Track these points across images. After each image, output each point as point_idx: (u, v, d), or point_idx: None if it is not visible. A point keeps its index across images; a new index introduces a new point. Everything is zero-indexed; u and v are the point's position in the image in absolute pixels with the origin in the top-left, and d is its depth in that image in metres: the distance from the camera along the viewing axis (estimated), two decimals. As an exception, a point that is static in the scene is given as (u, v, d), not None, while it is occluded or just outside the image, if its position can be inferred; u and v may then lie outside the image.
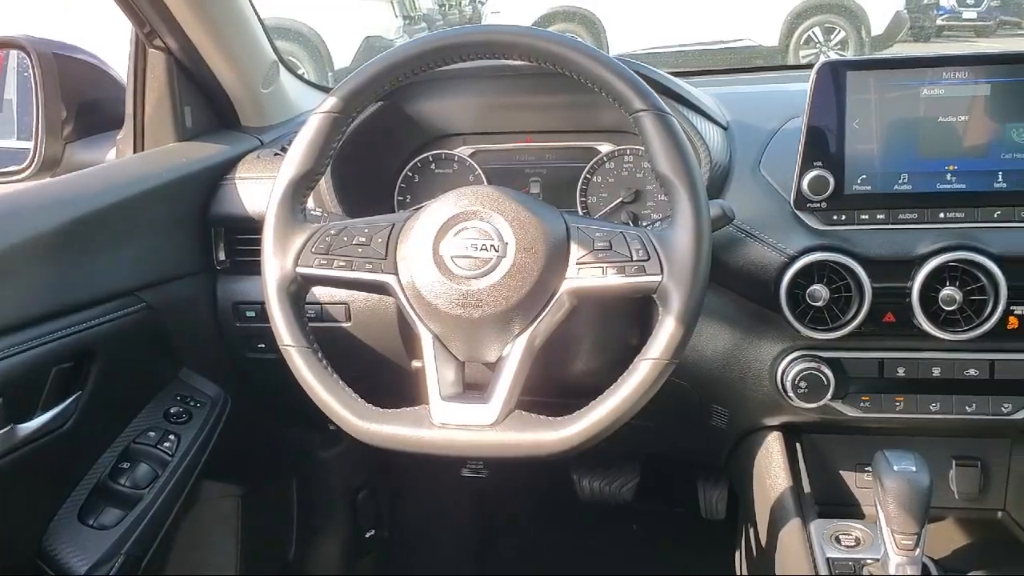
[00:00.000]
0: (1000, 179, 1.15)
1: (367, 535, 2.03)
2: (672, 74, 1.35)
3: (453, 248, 1.02)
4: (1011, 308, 1.15)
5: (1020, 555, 1.24)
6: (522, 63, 1.06)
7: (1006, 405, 1.22)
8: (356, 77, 1.07)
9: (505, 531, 2.20)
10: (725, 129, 1.33)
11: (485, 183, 1.43)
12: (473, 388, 1.04)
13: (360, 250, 1.05)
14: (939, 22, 10.92)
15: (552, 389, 1.15)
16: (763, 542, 1.31)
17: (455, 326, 1.02)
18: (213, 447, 1.39)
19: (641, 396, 0.98)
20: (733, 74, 2.03)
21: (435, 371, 1.02)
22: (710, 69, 1.99)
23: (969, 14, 11.25)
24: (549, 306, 1.01)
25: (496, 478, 1.66)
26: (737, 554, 1.65)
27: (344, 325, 1.38)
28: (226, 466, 1.52)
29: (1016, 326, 1.16)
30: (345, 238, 1.05)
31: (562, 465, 1.88)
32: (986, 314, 1.15)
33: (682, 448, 1.60)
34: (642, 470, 1.88)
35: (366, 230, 1.06)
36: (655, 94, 1.02)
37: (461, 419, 1.00)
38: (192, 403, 1.40)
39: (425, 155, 1.46)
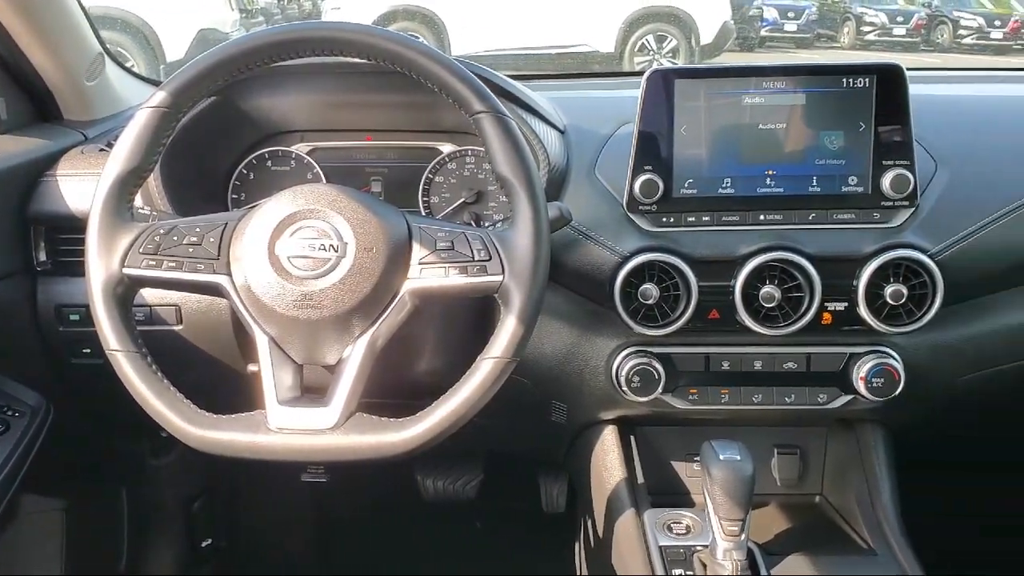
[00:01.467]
0: (815, 183, 1.23)
1: (203, 545, 1.96)
2: (512, 77, 1.36)
3: (290, 248, 1.00)
4: (825, 304, 1.23)
5: (836, 536, 1.33)
6: (362, 61, 1.05)
7: (822, 395, 1.30)
8: (188, 71, 1.03)
9: (347, 534, 2.17)
10: (562, 133, 1.36)
11: (324, 181, 1.41)
12: (312, 391, 1.03)
13: (191, 250, 1.01)
14: (763, 33, 11.52)
15: (394, 390, 1.15)
16: (600, 533, 1.35)
17: (292, 328, 1.00)
18: (34, 459, 1.31)
19: (483, 395, 0.99)
20: (571, 79, 2.07)
21: (272, 375, 1.00)
22: (549, 73, 2.03)
23: (790, 26, 11.94)
24: (391, 307, 1.00)
25: (337, 481, 1.63)
26: (576, 546, 1.69)
27: (175, 328, 1.33)
28: (49, 478, 1.44)
29: (830, 321, 1.24)
30: (175, 237, 1.01)
31: (404, 466, 1.87)
32: (802, 310, 1.22)
33: (524, 444, 1.63)
34: (485, 467, 1.90)
35: (198, 229, 1.02)
36: (494, 96, 1.03)
37: (299, 423, 0.98)
38: (9, 413, 1.31)
39: (261, 152, 1.42)
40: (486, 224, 1.39)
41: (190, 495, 1.93)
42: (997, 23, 13.63)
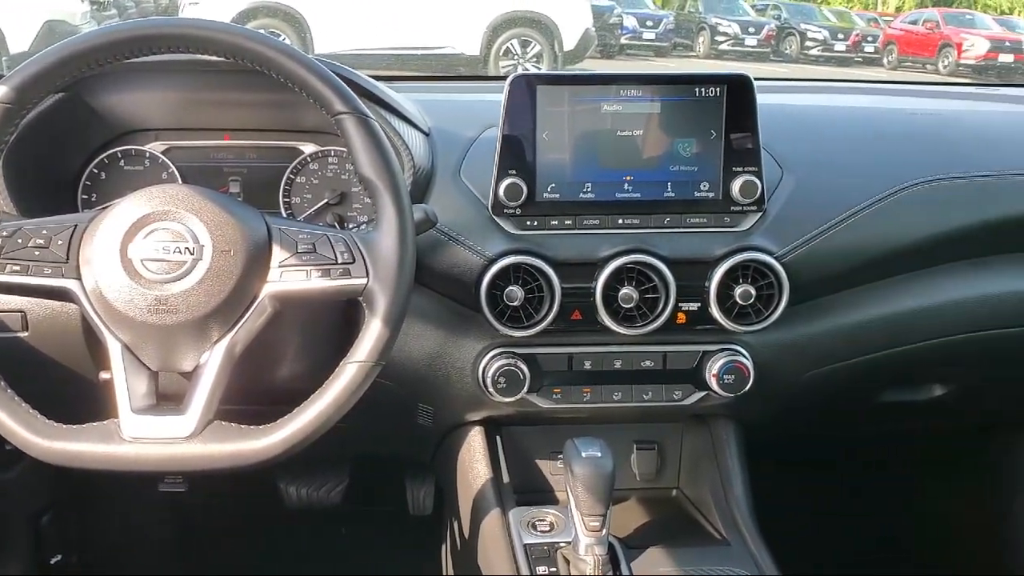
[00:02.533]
0: (670, 189, 1.27)
1: (52, 561, 1.86)
2: (375, 78, 1.36)
3: (143, 251, 0.97)
4: (680, 305, 1.28)
5: (692, 528, 1.38)
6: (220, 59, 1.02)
7: (677, 392, 1.34)
8: (33, 65, 0.98)
9: (208, 545, 2.11)
10: (427, 135, 1.36)
11: (179, 182, 1.36)
12: (168, 399, 1.00)
13: (37, 253, 0.97)
14: (623, 41, 11.83)
15: (256, 396, 1.13)
16: (466, 534, 1.36)
17: (146, 334, 0.97)
18: None
19: (347, 399, 0.98)
20: (436, 81, 2.08)
21: (125, 382, 0.97)
22: (414, 75, 2.03)
23: (649, 35, 12.30)
24: (250, 311, 0.99)
25: (196, 491, 1.59)
26: (443, 547, 1.70)
27: (21, 335, 1.26)
28: None
29: (684, 321, 1.29)
30: (20, 240, 0.97)
31: (267, 473, 1.83)
32: (658, 310, 1.27)
33: (390, 448, 1.62)
34: (350, 472, 1.88)
35: (44, 231, 0.98)
36: (356, 97, 1.03)
37: (154, 432, 0.95)
38: None
39: (113, 151, 1.36)
40: (350, 226, 1.38)
41: (37, 509, 1.83)
42: (840, 36, 14.44)
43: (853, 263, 1.35)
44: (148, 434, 0.95)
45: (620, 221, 1.27)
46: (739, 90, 1.26)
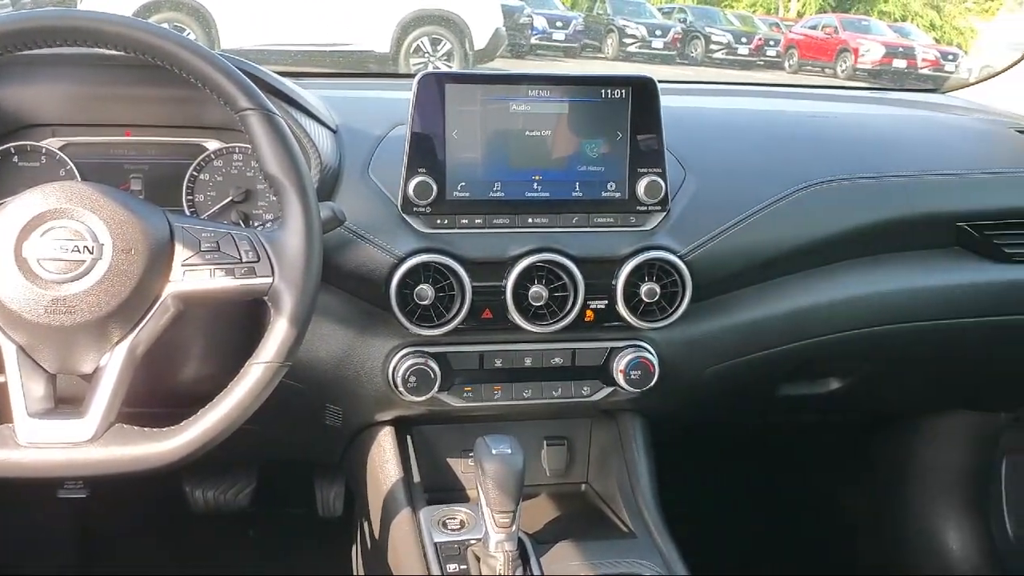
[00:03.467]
0: (577, 188, 1.29)
1: None
2: (281, 74, 1.34)
3: (39, 250, 0.93)
4: (588, 303, 1.30)
5: (600, 521, 1.40)
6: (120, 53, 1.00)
7: (586, 388, 1.36)
8: None
9: (112, 552, 2.05)
10: (335, 132, 1.35)
11: (78, 179, 1.32)
12: (67, 402, 0.97)
13: None
14: (533, 41, 11.88)
15: (159, 399, 1.11)
16: (376, 534, 1.36)
17: (43, 335, 0.94)
18: None
19: (253, 401, 0.97)
20: (344, 78, 2.06)
21: (20, 385, 0.93)
22: (321, 71, 2.01)
23: (559, 35, 12.38)
24: (152, 311, 0.96)
25: (99, 496, 1.54)
26: (353, 548, 1.69)
27: None
28: None
29: (592, 318, 1.31)
30: None
31: (172, 477, 1.79)
32: (567, 308, 1.28)
33: (298, 449, 1.60)
34: (258, 474, 1.85)
35: None
36: (261, 93, 1.02)
37: (53, 437, 0.92)
38: None
39: (6, 147, 1.31)
40: (255, 224, 1.36)
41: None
42: (744, 40, 14.80)
43: (753, 262, 1.39)
44: (46, 439, 0.92)
45: (529, 220, 1.28)
46: (643, 92, 1.29)
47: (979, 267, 1.51)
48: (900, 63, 14.04)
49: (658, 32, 13.99)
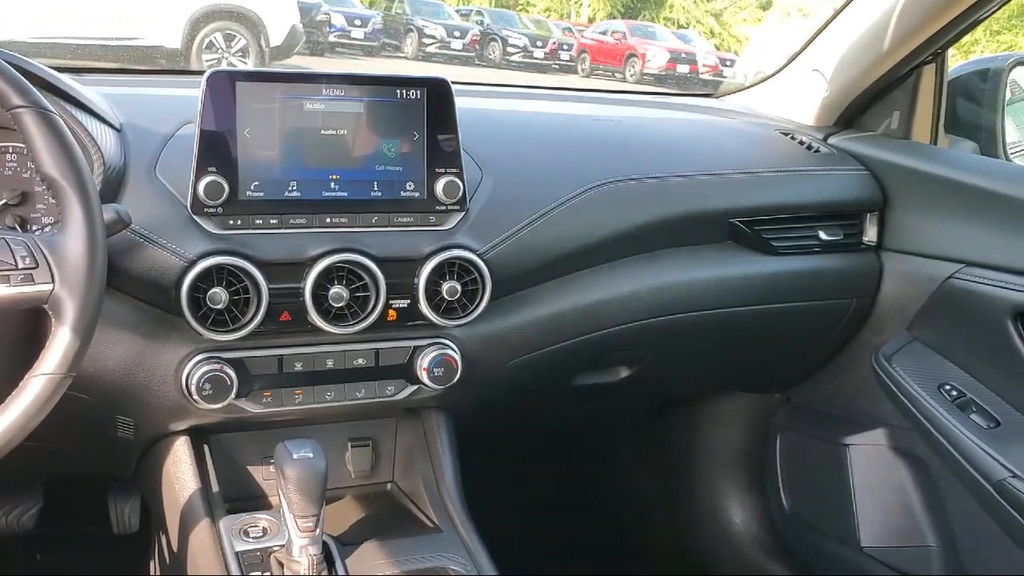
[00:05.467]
0: (376, 188, 1.29)
1: None
2: (59, 69, 1.27)
3: None
4: (390, 302, 1.30)
5: (406, 519, 1.41)
6: None
7: (390, 388, 1.37)
8: None
9: None
10: (118, 131, 1.29)
11: None
12: None
13: None
14: (332, 39, 11.73)
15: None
16: (175, 548, 1.31)
17: None
18: None
19: (34, 416, 0.92)
20: (128, 74, 1.96)
21: None
22: (103, 67, 1.90)
23: (357, 34, 12.28)
24: None
25: None
26: (151, 564, 1.62)
27: None
28: None
29: (394, 318, 1.31)
30: None
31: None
32: (369, 308, 1.28)
33: (88, 464, 1.52)
34: (45, 493, 1.74)
35: None
36: (35, 90, 0.96)
37: None
38: None
39: None
40: (33, 228, 1.28)
41: None
42: (539, 44, 15.22)
43: (548, 258, 1.44)
44: None
45: (328, 220, 1.27)
46: (438, 93, 1.30)
47: (750, 260, 1.63)
48: (683, 68, 14.89)
49: (456, 33, 14.16)
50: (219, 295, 1.20)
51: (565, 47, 15.72)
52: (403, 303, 1.31)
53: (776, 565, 2.07)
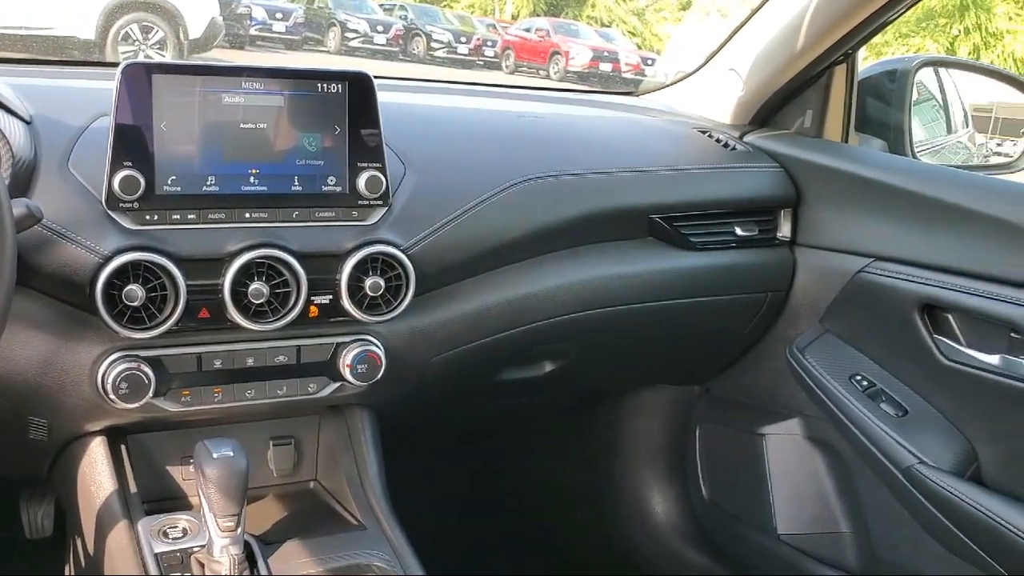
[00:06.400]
0: (297, 183, 1.28)
1: None
2: (-38, 59, 1.23)
3: None
4: (312, 298, 1.28)
5: (330, 517, 1.40)
6: None
7: (312, 385, 1.35)
8: None
9: None
10: (28, 123, 1.25)
11: None
12: None
13: None
14: (253, 32, 11.55)
15: None
16: (91, 551, 1.28)
17: None
18: None
19: None
20: (39, 65, 1.90)
21: None
22: (12, 57, 1.84)
23: (279, 27, 12.11)
24: None
25: None
26: (67, 569, 1.58)
27: None
28: None
29: (316, 314, 1.30)
30: None
31: None
32: (290, 305, 1.26)
33: None
34: None
35: None
36: None
37: None
38: None
39: None
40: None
41: None
42: (463, 39, 15.21)
43: (472, 253, 1.44)
44: None
45: (247, 215, 1.25)
46: (360, 88, 1.30)
47: (669, 255, 1.66)
48: (606, 67, 15.05)
49: (380, 28, 14.06)
50: (135, 292, 1.17)
51: (489, 43, 15.73)
52: (325, 299, 1.30)
53: (696, 554, 2.11)
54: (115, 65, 1.21)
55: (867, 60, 1.92)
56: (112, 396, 1.21)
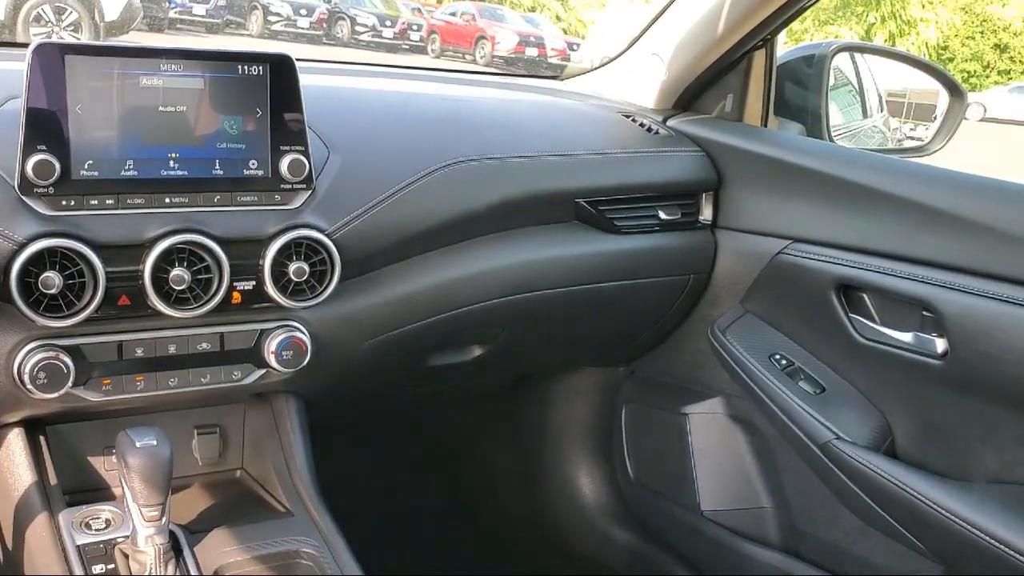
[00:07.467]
0: (218, 166, 1.26)
1: None
2: None
3: None
4: (234, 284, 1.27)
5: (257, 505, 1.39)
6: None
7: (236, 372, 1.34)
8: None
9: None
10: None
11: None
12: None
13: None
14: (172, 15, 11.27)
15: None
16: (10, 545, 1.25)
17: None
18: None
19: None
20: (-56, 46, 1.83)
21: None
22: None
23: (199, 10, 11.84)
24: None
25: None
26: None
27: None
28: None
29: (239, 300, 1.28)
30: None
31: None
32: (213, 291, 1.25)
33: None
34: None
35: None
36: None
37: None
38: None
39: None
40: None
41: None
42: (388, 23, 15.07)
43: (399, 238, 1.44)
44: None
45: (167, 200, 1.23)
46: (281, 70, 1.28)
47: (595, 238, 1.69)
48: (532, 52, 15.07)
49: (303, 11, 13.85)
50: (52, 279, 1.14)
51: (415, 27, 15.61)
52: (248, 285, 1.29)
53: (623, 531, 2.15)
54: (26, 46, 1.18)
55: (787, 46, 1.97)
56: (30, 386, 1.18)
